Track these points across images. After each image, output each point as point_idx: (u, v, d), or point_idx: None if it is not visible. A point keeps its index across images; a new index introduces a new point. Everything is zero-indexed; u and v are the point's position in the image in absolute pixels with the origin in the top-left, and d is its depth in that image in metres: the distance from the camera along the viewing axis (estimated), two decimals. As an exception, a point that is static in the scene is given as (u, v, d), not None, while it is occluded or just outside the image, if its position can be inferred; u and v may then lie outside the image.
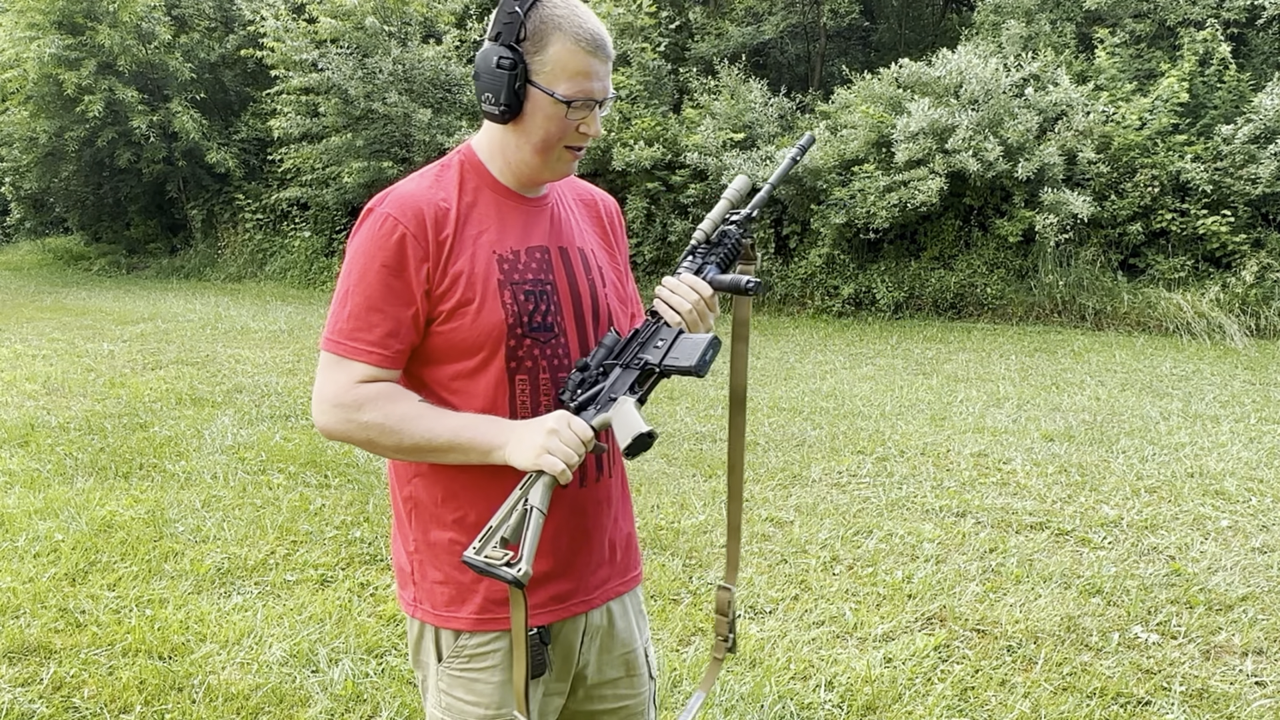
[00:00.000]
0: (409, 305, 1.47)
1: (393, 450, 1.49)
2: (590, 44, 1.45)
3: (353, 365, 1.47)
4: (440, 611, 1.58)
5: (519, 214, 1.58)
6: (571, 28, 1.44)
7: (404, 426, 1.45)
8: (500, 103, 1.46)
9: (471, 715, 1.56)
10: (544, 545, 1.55)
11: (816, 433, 6.25)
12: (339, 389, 1.47)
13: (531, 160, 1.52)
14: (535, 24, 1.44)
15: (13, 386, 7.55)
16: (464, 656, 1.56)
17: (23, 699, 3.04)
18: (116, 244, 19.61)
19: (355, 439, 1.48)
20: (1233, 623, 3.58)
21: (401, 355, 1.49)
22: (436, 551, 1.58)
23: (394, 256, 1.46)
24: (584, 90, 1.47)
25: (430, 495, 1.57)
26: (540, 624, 1.56)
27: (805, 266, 11.87)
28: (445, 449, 1.46)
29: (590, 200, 1.74)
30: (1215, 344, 9.54)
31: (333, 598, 3.80)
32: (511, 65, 1.44)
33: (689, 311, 1.53)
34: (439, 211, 1.50)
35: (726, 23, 15.12)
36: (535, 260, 1.56)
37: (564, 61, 1.44)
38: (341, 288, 1.50)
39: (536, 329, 1.52)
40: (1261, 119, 10.29)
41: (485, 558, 1.38)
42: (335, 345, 1.48)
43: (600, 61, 1.47)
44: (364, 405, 1.46)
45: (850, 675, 3.21)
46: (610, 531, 1.67)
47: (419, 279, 1.47)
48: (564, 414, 1.44)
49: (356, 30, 13.70)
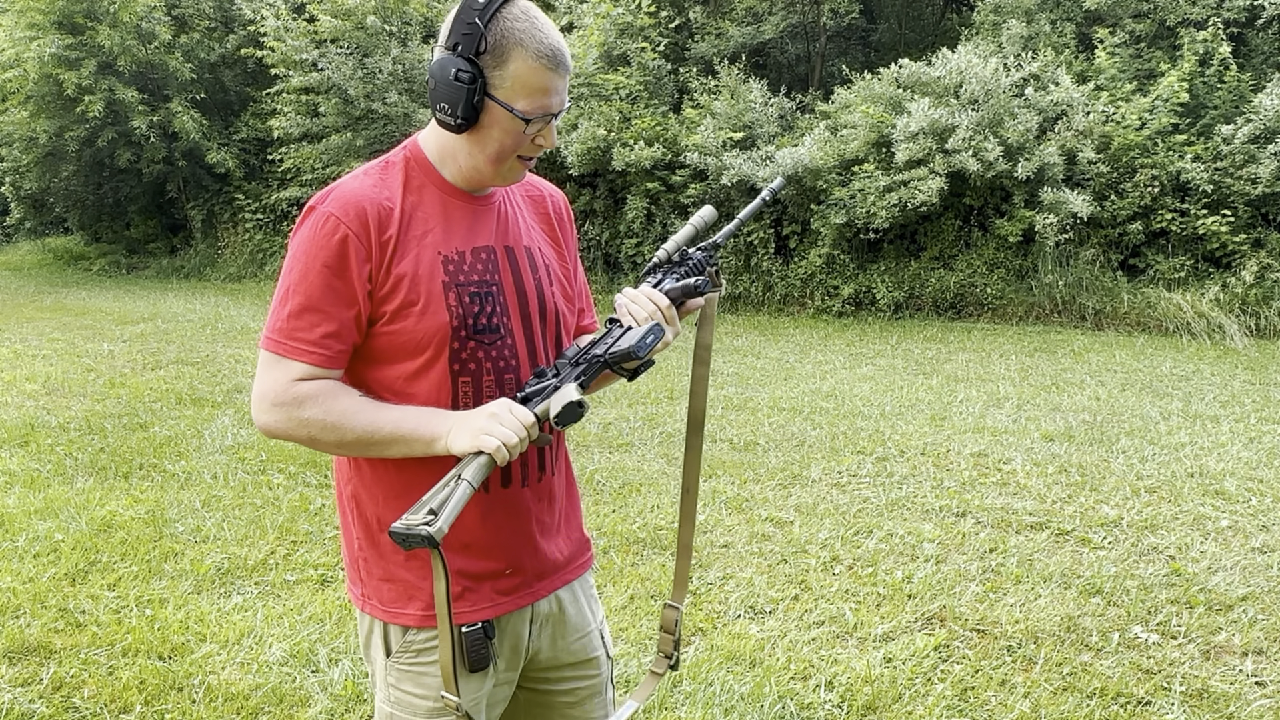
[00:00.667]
0: (350, 306, 1.47)
1: (335, 446, 1.48)
2: (551, 60, 1.45)
3: (291, 364, 1.46)
4: (388, 608, 1.59)
5: (465, 214, 1.57)
6: (533, 44, 1.43)
7: (344, 422, 1.44)
8: (458, 115, 1.45)
9: (420, 708, 1.58)
10: (487, 541, 1.58)
11: (816, 433, 6.25)
12: (278, 388, 1.46)
13: (484, 168, 1.53)
14: (496, 37, 1.42)
15: (13, 386, 7.56)
16: (412, 651, 1.58)
17: (23, 699, 3.04)
18: (116, 244, 19.61)
19: (296, 436, 1.47)
20: (1233, 623, 3.58)
21: (342, 355, 1.49)
22: (381, 550, 1.59)
23: (335, 256, 1.45)
24: (542, 106, 1.47)
25: (371, 495, 1.58)
26: (485, 618, 1.57)
27: (805, 266, 11.87)
28: (387, 442, 1.45)
29: (538, 196, 1.74)
30: (1215, 344, 9.54)
31: (333, 598, 3.80)
32: (470, 79, 1.42)
33: (646, 320, 1.54)
34: (382, 211, 1.49)
35: (726, 23, 15.11)
36: (481, 261, 1.56)
37: (524, 78, 1.44)
38: (282, 286, 1.49)
39: (481, 331, 1.52)
40: (1261, 119, 10.30)
41: (406, 521, 1.36)
42: (275, 344, 1.47)
43: (559, 77, 1.47)
44: (303, 403, 1.45)
45: (850, 675, 3.21)
46: (555, 526, 1.69)
47: (361, 279, 1.47)
48: (506, 400, 1.45)
49: (357, 30, 13.69)
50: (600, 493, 5.09)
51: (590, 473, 5.39)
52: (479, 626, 1.55)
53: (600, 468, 5.50)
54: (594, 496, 5.03)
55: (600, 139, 12.25)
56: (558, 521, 1.70)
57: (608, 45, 13.20)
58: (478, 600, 1.58)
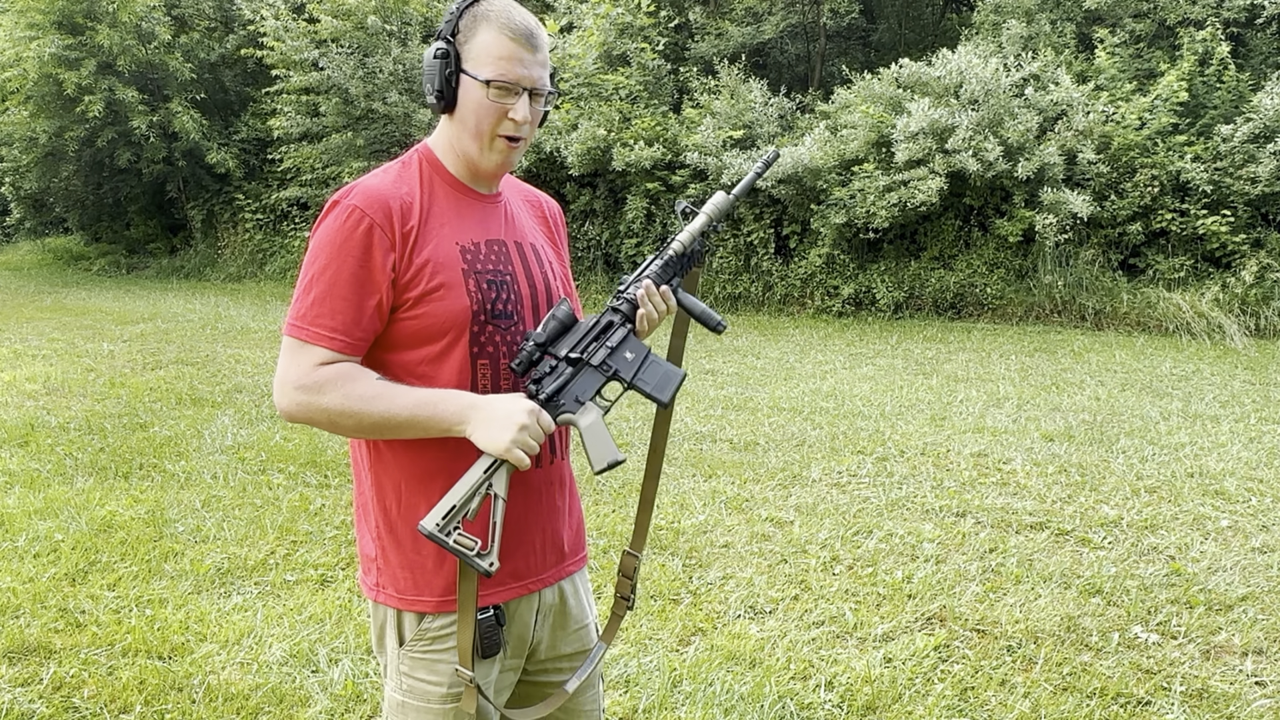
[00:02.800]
0: (373, 294, 1.51)
1: (354, 430, 1.52)
2: (514, 31, 1.53)
3: (314, 349, 1.50)
4: (405, 595, 1.62)
5: (476, 209, 1.64)
6: (499, 18, 1.54)
7: (364, 407, 1.48)
8: (435, 90, 1.56)
9: (433, 695, 1.61)
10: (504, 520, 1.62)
11: (816, 433, 6.25)
12: (300, 372, 1.50)
13: (470, 147, 1.59)
14: (469, 19, 1.55)
15: (13, 386, 7.56)
16: (427, 639, 1.61)
17: (23, 699, 3.04)
18: (116, 244, 19.61)
19: (317, 420, 1.51)
20: (1233, 623, 3.58)
21: (363, 343, 1.53)
22: (399, 538, 1.62)
23: (360, 246, 1.50)
24: (506, 73, 1.53)
25: (393, 481, 1.61)
26: (497, 602, 1.62)
27: (805, 266, 11.87)
28: (405, 425, 1.50)
29: (535, 201, 1.83)
30: (1215, 344, 9.54)
31: (333, 598, 3.80)
32: (444, 55, 1.54)
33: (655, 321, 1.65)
34: (404, 204, 1.55)
35: (726, 22, 15.11)
36: (494, 252, 1.63)
37: (488, 46, 1.53)
38: (305, 276, 1.53)
39: (498, 315, 1.59)
40: (1261, 118, 10.30)
41: (455, 542, 1.46)
42: (297, 330, 1.52)
43: (526, 50, 1.54)
44: (324, 387, 1.49)
45: (850, 675, 3.21)
46: (562, 511, 1.74)
47: (384, 269, 1.51)
48: (533, 407, 1.51)
49: (357, 30, 13.70)
50: (600, 493, 5.09)
51: (590, 472, 5.39)
52: (491, 613, 1.60)
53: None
54: (594, 496, 5.03)
55: (600, 139, 12.25)
56: (567, 506, 1.75)
57: (607, 45, 13.20)
58: (491, 582, 1.61)
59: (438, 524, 1.47)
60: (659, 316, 1.64)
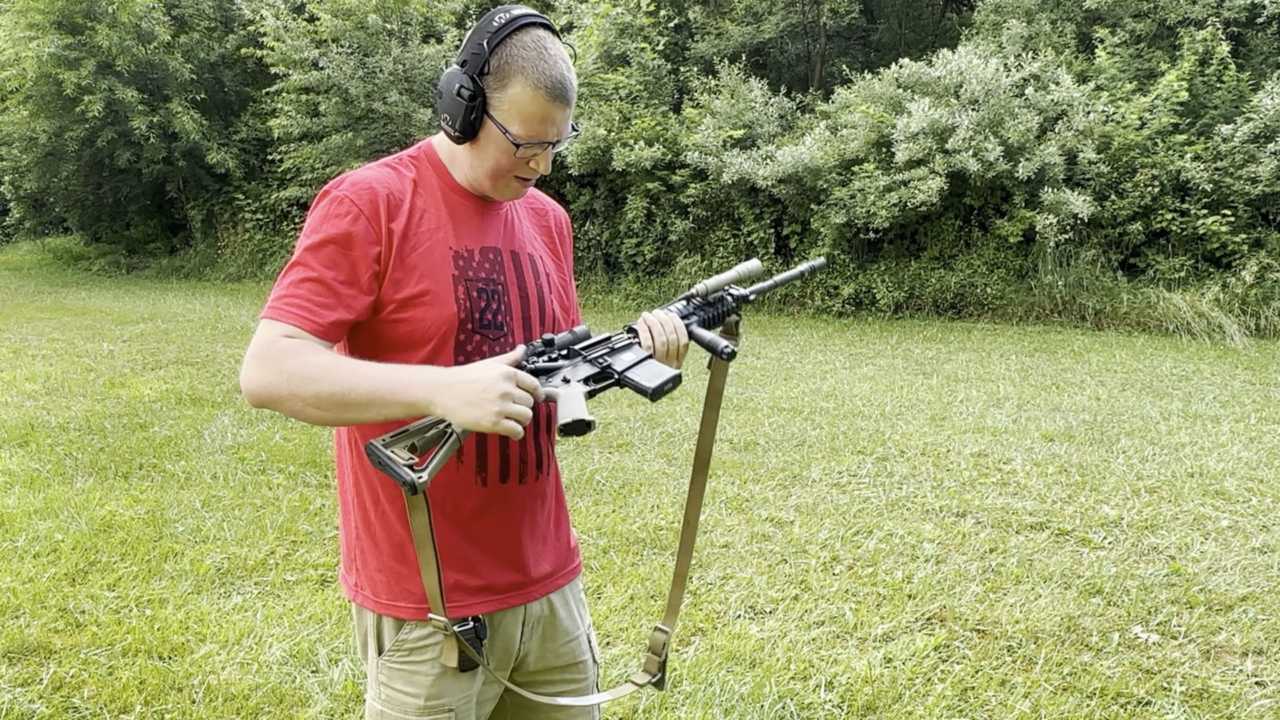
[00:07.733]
0: (352, 284, 1.47)
1: (313, 402, 1.39)
2: (550, 91, 1.47)
3: (281, 325, 1.44)
4: (380, 599, 1.60)
5: (473, 215, 1.61)
6: (535, 73, 1.46)
7: (323, 374, 1.38)
8: (456, 128, 1.51)
9: (410, 706, 1.59)
10: (483, 533, 1.60)
11: (816, 433, 6.25)
12: (264, 342, 1.42)
13: (483, 180, 1.57)
14: (500, 61, 1.46)
15: (13, 386, 7.55)
16: (404, 650, 1.59)
17: (23, 699, 3.04)
18: (116, 244, 19.62)
19: (278, 393, 1.40)
20: (1233, 623, 3.58)
21: (336, 328, 1.46)
22: (376, 541, 1.60)
23: (343, 235, 1.48)
24: (536, 134, 1.50)
25: (370, 482, 1.60)
26: (477, 614, 1.58)
27: (805, 266, 11.87)
28: (365, 401, 1.38)
29: (541, 209, 1.79)
30: (1215, 344, 9.54)
31: (333, 598, 3.80)
32: (471, 96, 1.48)
33: (662, 345, 1.60)
34: (393, 199, 1.53)
35: (726, 22, 15.12)
36: (489, 261, 1.60)
37: (522, 104, 1.47)
38: (289, 264, 1.51)
39: (486, 326, 1.56)
40: (1261, 118, 10.30)
41: (391, 452, 1.36)
42: (271, 310, 1.46)
43: (559, 109, 1.49)
44: (284, 355, 1.40)
45: (850, 675, 3.20)
46: (547, 526, 1.71)
47: (367, 260, 1.48)
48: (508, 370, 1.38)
49: (358, 29, 13.69)
50: (600, 493, 5.09)
51: (590, 473, 5.39)
52: (470, 625, 1.55)
53: (600, 468, 5.50)
54: (594, 496, 5.03)
55: (600, 139, 12.25)
56: (549, 523, 1.72)
57: (607, 45, 13.20)
58: (471, 595, 1.59)
59: (384, 440, 1.38)
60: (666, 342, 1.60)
